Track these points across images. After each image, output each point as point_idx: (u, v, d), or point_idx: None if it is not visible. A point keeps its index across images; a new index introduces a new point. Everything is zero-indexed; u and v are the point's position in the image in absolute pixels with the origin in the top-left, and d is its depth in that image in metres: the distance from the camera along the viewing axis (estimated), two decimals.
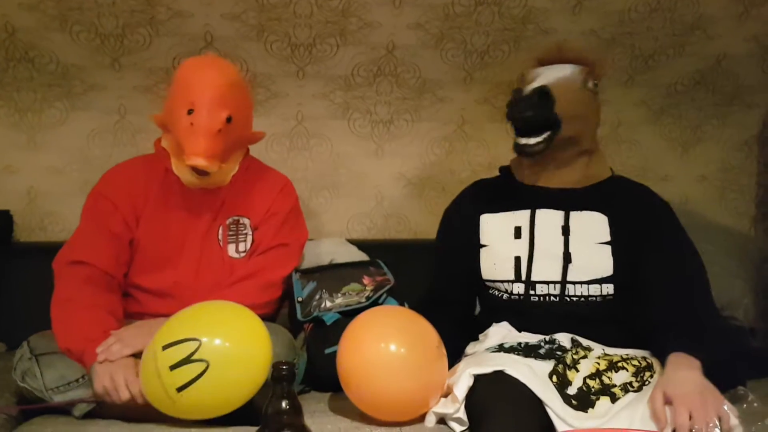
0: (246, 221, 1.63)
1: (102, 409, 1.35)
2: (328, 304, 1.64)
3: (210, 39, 1.91)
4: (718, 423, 1.15)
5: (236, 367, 1.25)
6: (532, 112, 1.44)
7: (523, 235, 1.51)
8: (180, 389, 1.23)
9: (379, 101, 2.12)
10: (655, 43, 2.06)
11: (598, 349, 1.41)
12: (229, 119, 1.50)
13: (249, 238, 1.63)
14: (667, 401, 1.20)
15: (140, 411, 1.29)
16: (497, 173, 1.69)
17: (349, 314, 1.58)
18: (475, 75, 2.09)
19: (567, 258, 1.47)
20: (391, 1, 1.88)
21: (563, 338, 1.43)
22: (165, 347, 1.23)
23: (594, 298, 1.46)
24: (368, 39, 1.97)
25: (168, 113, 1.56)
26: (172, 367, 1.22)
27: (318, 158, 2.16)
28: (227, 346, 1.25)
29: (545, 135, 1.46)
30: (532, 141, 1.46)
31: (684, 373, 1.25)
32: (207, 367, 1.21)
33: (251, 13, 1.87)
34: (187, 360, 1.21)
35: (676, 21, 2.00)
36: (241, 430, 1.30)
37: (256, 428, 1.01)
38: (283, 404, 0.97)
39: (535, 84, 1.47)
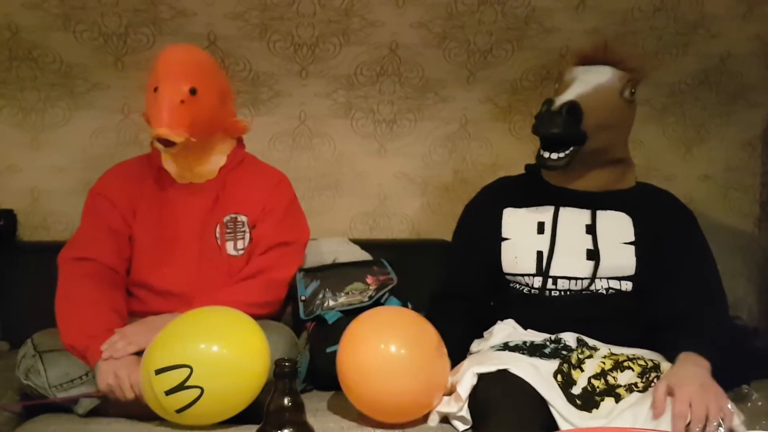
0: (243, 219, 1.63)
1: (105, 406, 1.36)
2: (331, 303, 1.63)
3: (213, 38, 1.92)
4: (722, 422, 1.15)
5: (232, 382, 1.26)
6: (558, 129, 1.42)
7: (546, 231, 1.51)
8: (179, 411, 1.24)
9: (382, 100, 2.11)
10: (658, 42, 2.06)
11: (604, 348, 1.41)
12: (192, 91, 1.49)
13: (247, 236, 1.62)
14: (670, 392, 1.20)
15: (143, 408, 1.29)
16: (499, 173, 1.70)
17: (351, 313, 1.58)
18: (477, 74, 2.09)
19: (597, 256, 1.47)
20: (394, 0, 1.88)
21: (569, 338, 1.43)
22: (158, 372, 1.23)
23: (612, 291, 1.47)
24: (371, 38, 1.97)
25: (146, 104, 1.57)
26: (168, 393, 1.23)
27: (321, 157, 2.16)
28: (220, 366, 1.25)
29: (569, 150, 1.45)
30: (555, 156, 1.45)
31: (691, 368, 1.26)
32: (202, 393, 1.22)
33: (254, 13, 1.87)
34: (181, 387, 1.22)
35: (680, 20, 2.00)
36: (243, 428, 1.30)
37: (258, 426, 1.00)
38: (285, 401, 0.97)
39: (566, 96, 1.44)
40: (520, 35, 1.99)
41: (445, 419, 1.36)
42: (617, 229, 1.50)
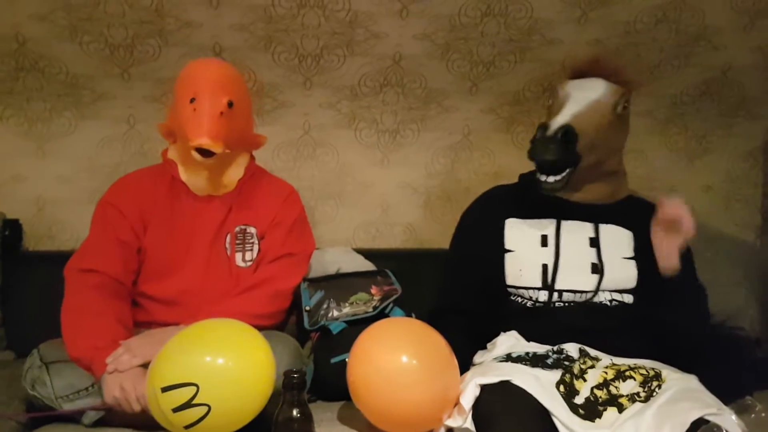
0: (253, 230, 1.64)
1: (111, 417, 1.36)
2: (336, 313, 1.64)
3: (218, 50, 1.93)
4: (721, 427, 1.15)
5: (239, 397, 1.25)
6: (552, 156, 1.43)
7: (549, 244, 1.52)
8: (187, 427, 1.23)
9: (386, 111, 2.13)
10: (660, 53, 2.07)
11: (606, 358, 1.42)
12: (230, 104, 1.53)
13: (256, 248, 1.64)
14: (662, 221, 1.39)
15: (149, 419, 1.29)
16: (502, 182, 1.69)
17: (355, 324, 1.58)
18: (480, 85, 2.10)
19: (601, 269, 1.49)
20: (398, 12, 1.89)
21: (571, 348, 1.44)
22: (164, 390, 1.22)
23: (615, 303, 1.49)
24: (375, 49, 1.98)
25: (172, 114, 1.59)
26: (175, 410, 1.22)
27: (324, 167, 2.17)
28: (226, 381, 1.23)
29: (565, 173, 1.46)
30: (552, 179, 1.47)
31: None
32: (209, 410, 1.21)
33: (259, 24, 1.89)
34: (188, 404, 1.21)
35: (682, 32, 2.01)
36: None
37: None
38: (294, 412, 0.98)
39: (561, 119, 1.44)
40: (522, 47, 2.01)
41: (449, 431, 1.36)
42: (619, 243, 1.52)
